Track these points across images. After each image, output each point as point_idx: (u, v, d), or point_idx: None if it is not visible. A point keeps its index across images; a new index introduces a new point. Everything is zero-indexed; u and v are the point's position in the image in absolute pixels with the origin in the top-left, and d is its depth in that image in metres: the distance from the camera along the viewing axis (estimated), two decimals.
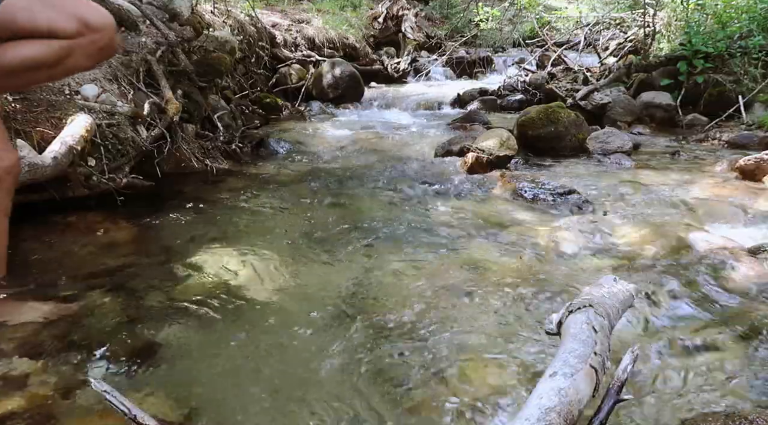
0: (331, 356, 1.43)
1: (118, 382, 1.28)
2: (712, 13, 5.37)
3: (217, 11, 5.09)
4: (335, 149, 3.91)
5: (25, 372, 1.31)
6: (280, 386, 1.31)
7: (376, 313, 1.64)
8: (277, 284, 1.80)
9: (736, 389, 1.30)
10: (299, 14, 7.32)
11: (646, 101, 4.89)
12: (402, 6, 8.84)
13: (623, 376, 1.06)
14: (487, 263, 1.99)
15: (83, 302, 1.62)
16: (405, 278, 1.87)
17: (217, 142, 3.38)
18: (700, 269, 1.93)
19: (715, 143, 4.14)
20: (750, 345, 1.48)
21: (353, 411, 1.22)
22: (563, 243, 2.18)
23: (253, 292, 1.73)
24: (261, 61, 5.57)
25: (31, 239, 1.99)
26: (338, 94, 5.79)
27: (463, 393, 1.28)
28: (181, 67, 3.22)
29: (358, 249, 2.10)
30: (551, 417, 0.88)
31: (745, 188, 2.86)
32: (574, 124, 3.73)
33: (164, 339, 1.47)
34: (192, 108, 3.29)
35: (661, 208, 2.61)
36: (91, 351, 1.40)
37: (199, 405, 1.23)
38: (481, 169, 3.23)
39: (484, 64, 8.20)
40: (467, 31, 8.97)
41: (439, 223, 2.43)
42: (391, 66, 7.56)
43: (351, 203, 2.61)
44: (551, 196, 2.71)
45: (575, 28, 8.39)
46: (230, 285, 1.77)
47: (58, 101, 2.25)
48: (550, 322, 1.25)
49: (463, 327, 1.56)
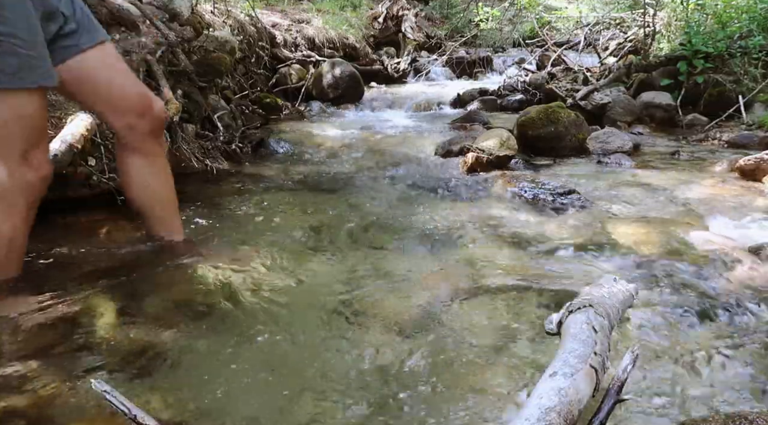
0: (331, 356, 1.43)
1: (118, 382, 1.28)
2: (712, 13, 5.37)
3: (217, 11, 5.09)
4: (335, 149, 3.91)
5: (25, 371, 1.31)
6: (281, 386, 1.31)
7: (376, 313, 1.64)
8: (277, 284, 1.80)
9: (736, 389, 1.30)
10: (299, 14, 7.31)
11: (646, 101, 4.89)
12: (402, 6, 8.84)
13: (623, 376, 1.06)
14: (487, 263, 1.99)
15: (83, 302, 1.62)
16: (405, 277, 1.87)
17: (217, 142, 3.37)
18: (701, 269, 1.93)
19: (715, 143, 4.13)
20: (750, 345, 1.48)
21: (353, 410, 1.22)
22: (563, 243, 2.18)
23: (253, 292, 1.73)
24: (261, 61, 5.57)
25: (31, 239, 1.99)
26: (338, 94, 5.78)
27: (462, 393, 1.28)
28: (181, 67, 3.21)
29: (358, 249, 2.10)
30: (551, 417, 0.88)
31: (745, 188, 2.86)
32: (574, 124, 3.73)
33: (164, 339, 1.47)
34: (192, 108, 3.28)
35: (662, 208, 2.61)
36: (91, 351, 1.40)
37: (200, 406, 1.23)
38: (481, 169, 3.23)
39: (484, 64, 8.19)
40: (467, 31, 8.96)
41: (439, 223, 2.43)
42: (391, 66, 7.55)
43: (351, 203, 2.61)
44: (551, 196, 2.71)
45: (575, 28, 8.38)
46: (230, 285, 1.77)
47: (58, 101, 2.25)
48: (550, 322, 1.26)
49: (462, 326, 1.56)
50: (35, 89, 1.56)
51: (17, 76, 1.49)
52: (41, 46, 1.56)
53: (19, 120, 1.54)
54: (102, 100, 1.76)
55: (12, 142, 1.55)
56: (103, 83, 1.74)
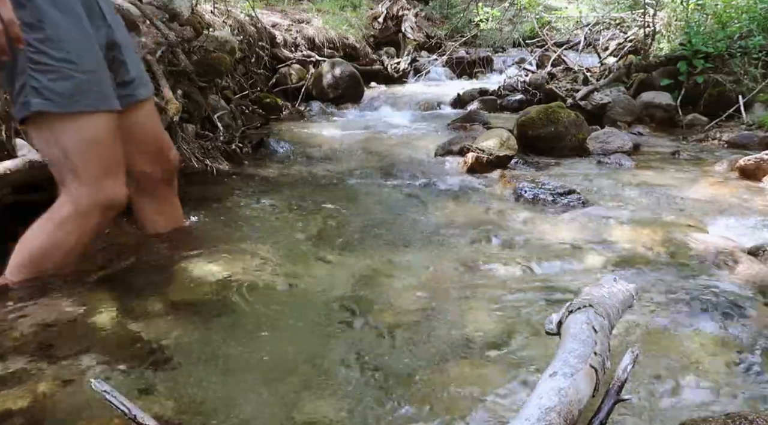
0: (332, 355, 1.43)
1: (118, 382, 1.28)
2: (712, 13, 5.37)
3: (217, 11, 5.09)
4: (335, 149, 3.91)
5: (25, 371, 1.31)
6: (282, 385, 1.31)
7: (376, 312, 1.64)
8: (277, 284, 1.81)
9: (736, 389, 1.30)
10: (299, 14, 7.31)
11: (646, 101, 4.89)
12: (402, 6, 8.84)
13: (623, 376, 1.06)
14: (487, 263, 1.99)
15: (83, 302, 1.62)
16: (405, 277, 1.87)
17: (217, 142, 3.37)
18: (700, 269, 1.93)
19: (715, 143, 4.14)
20: (750, 346, 1.48)
21: (354, 409, 1.22)
22: (563, 243, 2.18)
23: (253, 292, 1.73)
24: (261, 61, 5.57)
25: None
26: (338, 94, 5.78)
27: (462, 392, 1.28)
28: (181, 67, 3.21)
29: (358, 249, 2.10)
30: (551, 417, 0.88)
31: (745, 188, 2.87)
32: (574, 124, 3.73)
33: (165, 339, 1.47)
34: (192, 108, 3.28)
35: (661, 208, 2.61)
36: (91, 351, 1.40)
37: (200, 406, 1.23)
38: (482, 169, 3.23)
39: (484, 64, 8.19)
40: (467, 31, 8.96)
41: (439, 223, 2.43)
42: (391, 66, 7.55)
43: (351, 203, 2.61)
44: (551, 196, 2.71)
45: (575, 28, 8.37)
46: (231, 285, 1.77)
47: None
48: (550, 322, 1.26)
49: (462, 326, 1.57)
50: (97, 113, 1.63)
51: (73, 99, 1.56)
52: (100, 71, 1.64)
53: (87, 144, 1.62)
54: (140, 148, 1.91)
55: (87, 164, 1.63)
56: (150, 133, 1.94)
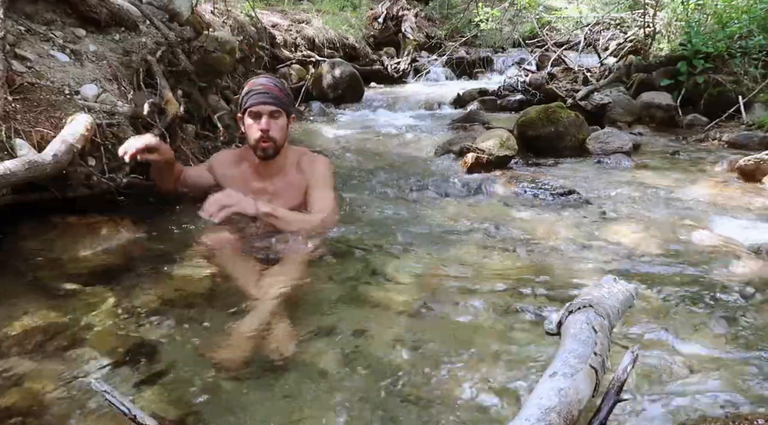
0: (328, 355, 1.43)
1: (118, 382, 1.28)
2: (712, 13, 5.37)
3: (217, 11, 5.09)
4: (335, 150, 3.90)
5: (25, 371, 1.31)
6: (279, 385, 1.30)
7: (375, 312, 1.64)
8: (277, 283, 1.80)
9: (736, 389, 1.30)
10: (299, 14, 7.31)
11: (646, 101, 4.89)
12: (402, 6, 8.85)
13: (623, 376, 1.06)
14: (487, 263, 1.99)
15: (83, 302, 1.62)
16: (405, 277, 1.87)
17: (217, 142, 3.37)
18: (700, 268, 1.93)
19: (715, 143, 4.14)
20: (750, 346, 1.48)
21: (352, 409, 1.22)
22: (563, 243, 2.18)
23: (253, 292, 1.73)
24: (261, 61, 5.57)
25: (31, 239, 1.99)
26: (338, 94, 5.79)
27: (462, 393, 1.28)
28: (181, 67, 3.21)
29: (357, 248, 2.10)
30: (551, 417, 0.88)
31: (745, 188, 2.87)
32: (574, 124, 3.73)
33: (164, 339, 1.47)
34: (192, 108, 3.28)
35: (661, 208, 2.61)
36: (90, 351, 1.40)
37: (199, 405, 1.23)
38: (481, 169, 3.23)
39: (484, 64, 8.21)
40: (467, 32, 8.97)
41: (438, 223, 2.43)
42: (391, 66, 7.56)
43: (350, 203, 2.61)
44: (551, 196, 2.71)
45: (575, 29, 8.38)
46: (231, 285, 1.77)
47: (58, 101, 2.25)
48: (550, 322, 1.25)
49: (462, 326, 1.56)
50: None
51: None
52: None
53: None
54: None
55: None
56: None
